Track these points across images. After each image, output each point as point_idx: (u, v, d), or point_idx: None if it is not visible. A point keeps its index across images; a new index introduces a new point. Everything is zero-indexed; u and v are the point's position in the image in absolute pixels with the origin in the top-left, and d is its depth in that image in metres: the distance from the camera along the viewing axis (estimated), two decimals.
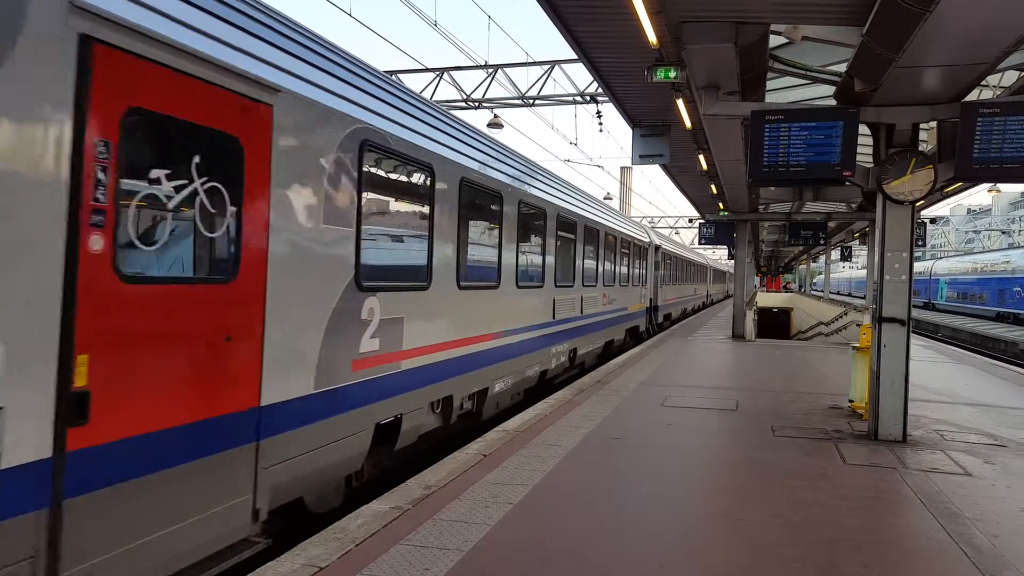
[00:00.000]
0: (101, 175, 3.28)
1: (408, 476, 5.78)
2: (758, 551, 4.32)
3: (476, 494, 5.21)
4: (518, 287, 9.30)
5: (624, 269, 17.04)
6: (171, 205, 3.74)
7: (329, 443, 5.09)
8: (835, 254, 39.64)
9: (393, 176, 6.15)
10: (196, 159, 3.86)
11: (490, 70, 18.57)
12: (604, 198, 34.96)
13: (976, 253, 52.12)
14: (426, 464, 6.34)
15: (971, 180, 8.68)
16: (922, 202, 8.11)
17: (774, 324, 40.07)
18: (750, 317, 20.50)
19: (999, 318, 37.43)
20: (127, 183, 3.46)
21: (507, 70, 18.59)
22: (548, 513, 4.87)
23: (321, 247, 4.99)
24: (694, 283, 36.12)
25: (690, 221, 50.79)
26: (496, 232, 8.59)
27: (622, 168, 52.72)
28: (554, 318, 11.05)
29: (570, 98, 18.52)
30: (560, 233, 11.28)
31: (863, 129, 7.51)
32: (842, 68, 7.51)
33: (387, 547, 4.18)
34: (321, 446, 4.98)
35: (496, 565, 4.00)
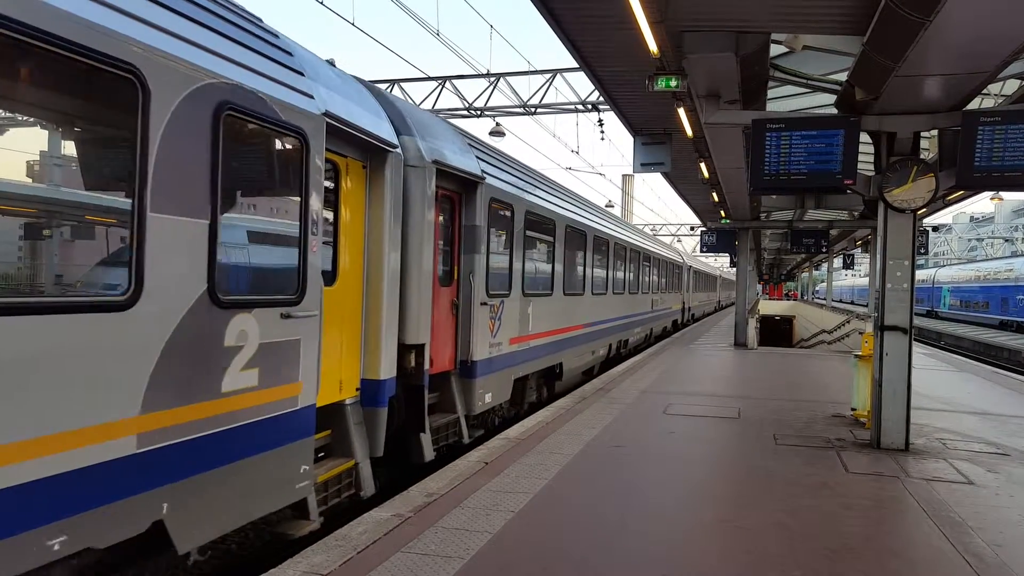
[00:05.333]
0: None
1: (410, 484, 5.78)
2: (759, 559, 4.31)
3: (478, 501, 5.21)
4: None
5: None
6: None
7: None
8: (837, 262, 39.63)
9: None
10: None
11: (492, 79, 18.64)
12: (606, 205, 34.17)
13: (979, 261, 52.07)
14: (428, 471, 6.34)
15: (972, 188, 8.70)
16: (924, 210, 8.12)
17: (776, 332, 40.02)
18: (752, 325, 20.38)
19: (1002, 326, 37.32)
20: None
21: (509, 79, 18.67)
22: (550, 521, 4.86)
23: None
24: (645, 291, 19.58)
25: (692, 229, 50.85)
26: None
27: (624, 176, 52.79)
28: None
29: (572, 106, 18.58)
30: None
31: (864, 137, 7.54)
32: (843, 77, 7.55)
33: (389, 554, 4.18)
34: None
35: (498, 573, 4.00)
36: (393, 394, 5.92)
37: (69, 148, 3.76)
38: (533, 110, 18.69)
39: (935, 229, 36.95)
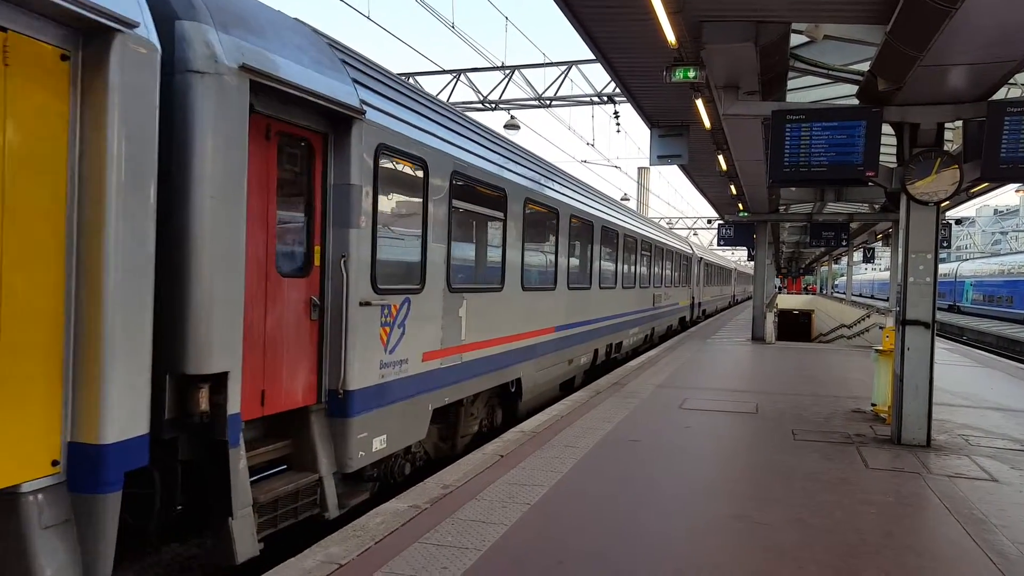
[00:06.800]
0: None
1: (426, 475, 5.81)
2: (776, 555, 4.27)
3: (493, 494, 5.22)
4: None
5: None
6: None
7: None
8: (857, 256, 39.20)
9: None
10: None
11: (507, 71, 18.59)
12: (622, 198, 34.06)
13: (1003, 255, 51.19)
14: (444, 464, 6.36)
15: (998, 180, 8.55)
16: (947, 203, 8.00)
17: (795, 326, 39.66)
18: (770, 319, 20.22)
19: None
20: None
21: (524, 71, 18.62)
22: (565, 514, 4.86)
23: None
24: (644, 284, 17.07)
25: (709, 222, 50.47)
26: None
27: (640, 169, 52.40)
28: None
29: (587, 99, 18.49)
30: None
31: (886, 128, 7.42)
32: (865, 67, 7.43)
33: (406, 545, 4.20)
34: None
35: (513, 564, 4.00)
36: (140, 465, 3.53)
37: None
38: (548, 103, 18.62)
39: (958, 222, 36.38)
